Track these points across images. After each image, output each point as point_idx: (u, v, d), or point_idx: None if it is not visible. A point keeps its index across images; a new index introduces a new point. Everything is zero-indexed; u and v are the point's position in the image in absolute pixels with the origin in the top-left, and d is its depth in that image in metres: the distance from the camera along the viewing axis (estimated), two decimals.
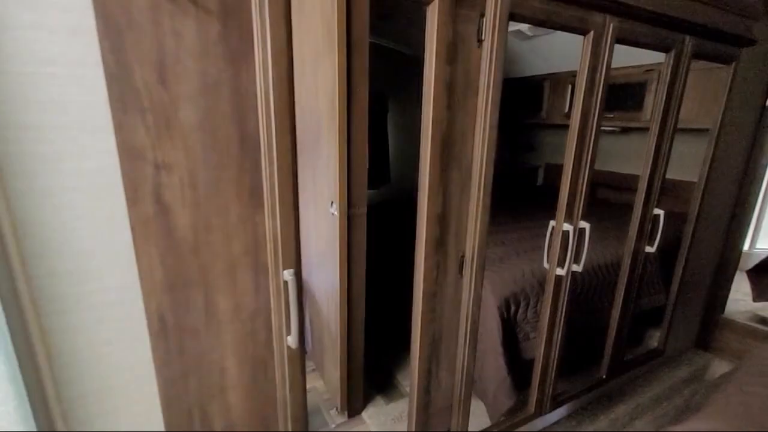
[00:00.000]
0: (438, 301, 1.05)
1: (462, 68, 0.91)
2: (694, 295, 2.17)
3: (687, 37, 1.36)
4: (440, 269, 1.03)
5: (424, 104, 0.88)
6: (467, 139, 0.97)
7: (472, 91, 0.94)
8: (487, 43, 0.91)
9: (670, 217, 1.92)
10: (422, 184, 0.93)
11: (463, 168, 0.98)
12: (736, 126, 1.91)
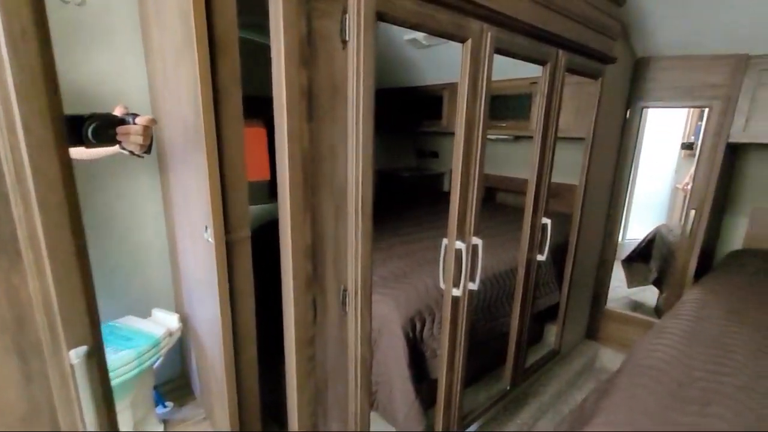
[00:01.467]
0: (319, 346, 0.89)
1: (325, 72, 0.76)
2: (583, 291, 2.34)
3: (560, 51, 1.41)
4: (318, 308, 0.87)
5: (276, 115, 0.71)
6: (338, 154, 0.82)
7: (340, 100, 0.80)
8: (352, 44, 0.78)
9: (557, 217, 2.02)
10: (283, 212, 0.76)
11: (335, 189, 0.84)
12: (606, 135, 2.09)
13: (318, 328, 0.88)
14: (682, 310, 1.60)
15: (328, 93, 0.78)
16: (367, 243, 0.90)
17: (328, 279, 0.88)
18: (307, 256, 0.81)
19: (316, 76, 0.75)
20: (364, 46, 0.78)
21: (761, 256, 2.21)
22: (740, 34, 1.80)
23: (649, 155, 2.84)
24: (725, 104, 1.95)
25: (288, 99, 0.70)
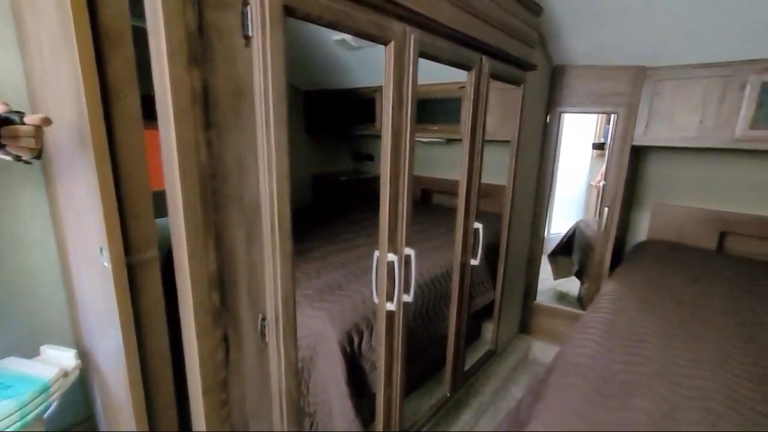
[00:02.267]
0: (235, 387, 0.78)
1: (225, 73, 0.66)
2: (515, 288, 2.43)
3: (483, 57, 1.42)
4: (231, 344, 0.75)
5: (161, 124, 0.59)
6: (248, 167, 0.72)
7: (246, 105, 0.70)
8: (257, 41, 0.68)
9: (488, 217, 2.07)
10: (177, 238, 0.64)
11: (245, 207, 0.73)
12: (529, 138, 2.19)
13: (232, 367, 0.76)
14: (601, 303, 1.70)
15: (231, 97, 0.67)
16: (287, 264, 0.81)
17: (242, 309, 0.76)
18: (212, 285, 0.69)
19: (213, 77, 0.64)
20: (272, 43, 0.69)
21: (662, 246, 2.47)
22: (637, 49, 1.98)
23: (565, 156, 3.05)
24: (629, 111, 2.14)
25: (175, 104, 0.58)
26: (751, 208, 2.31)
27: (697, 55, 1.92)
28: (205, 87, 0.63)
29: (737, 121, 1.88)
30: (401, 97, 1.03)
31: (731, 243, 2.43)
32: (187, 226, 0.63)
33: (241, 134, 0.70)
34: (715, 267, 2.13)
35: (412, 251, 1.16)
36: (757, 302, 1.71)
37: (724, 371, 1.21)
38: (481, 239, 1.62)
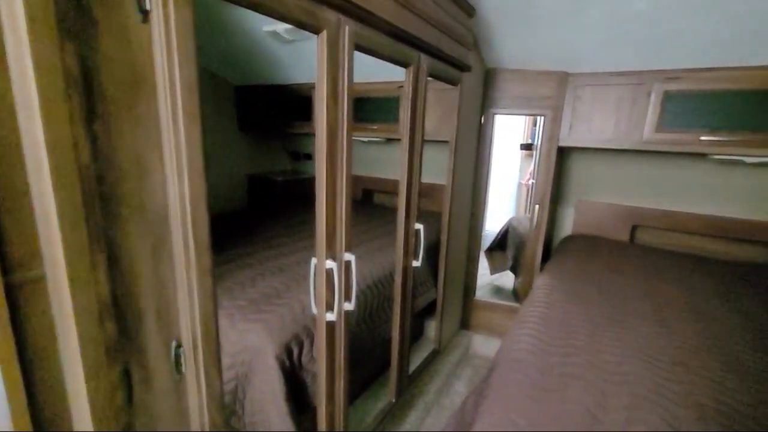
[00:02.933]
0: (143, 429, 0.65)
1: (115, 53, 0.53)
2: (455, 285, 2.47)
3: (422, 55, 1.40)
4: (135, 380, 0.63)
5: (20, 111, 0.46)
6: (150, 168, 0.60)
7: (146, 94, 0.58)
8: (157, 17, 0.57)
9: (428, 216, 2.08)
10: (51, 259, 0.51)
11: (149, 216, 0.61)
12: (466, 138, 2.23)
13: (138, 409, 0.63)
14: (535, 296, 1.78)
15: (124, 84, 0.55)
16: (205, 280, 0.70)
17: (148, 337, 0.64)
18: (105, 313, 0.56)
19: (98, 57, 0.52)
20: (177, 21, 0.58)
21: (585, 240, 2.67)
22: (561, 56, 2.10)
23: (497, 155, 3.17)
24: (555, 113, 2.27)
25: (42, 89, 0.45)
26: (657, 203, 2.57)
27: (611, 64, 2.08)
28: (87, 69, 0.50)
29: (645, 124, 2.07)
30: (336, 93, 0.96)
31: (641, 234, 2.70)
32: (66, 244, 0.50)
33: (139, 129, 0.58)
34: (629, 257, 2.34)
35: (352, 257, 1.09)
36: (666, 287, 1.89)
37: (644, 354, 1.31)
38: (423, 240, 1.60)
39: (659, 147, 2.07)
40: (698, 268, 2.21)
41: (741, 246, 2.42)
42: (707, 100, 1.92)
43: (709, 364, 1.26)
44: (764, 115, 1.82)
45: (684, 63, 1.91)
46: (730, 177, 2.30)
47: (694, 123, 1.96)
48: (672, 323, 1.54)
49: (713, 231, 2.44)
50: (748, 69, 1.82)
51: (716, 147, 1.93)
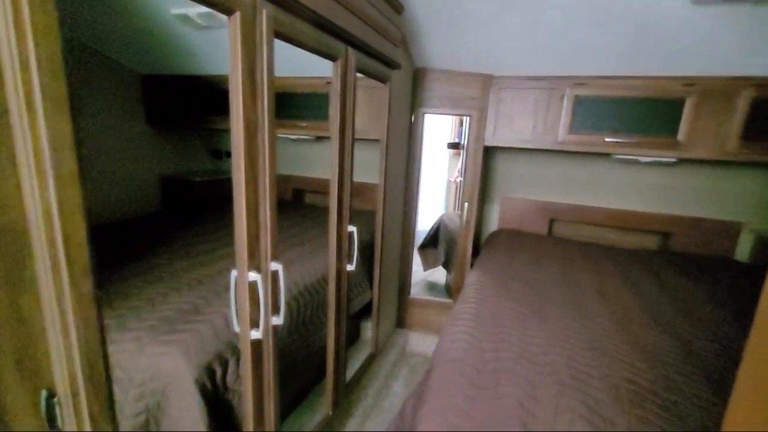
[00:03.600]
0: None
1: None
2: (390, 285, 2.46)
3: (349, 49, 1.33)
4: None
5: None
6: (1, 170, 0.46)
7: None
8: None
9: (361, 215, 2.03)
10: None
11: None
12: (397, 137, 2.22)
13: None
14: (467, 293, 1.82)
15: None
16: (87, 310, 0.56)
17: (5, 389, 0.49)
18: None
19: None
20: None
21: (510, 235, 2.82)
22: (485, 58, 2.18)
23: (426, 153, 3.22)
24: (480, 114, 2.35)
25: None
26: (570, 199, 2.81)
27: (530, 69, 2.21)
28: None
29: (559, 126, 2.24)
30: (255, 86, 0.86)
31: (557, 228, 2.93)
32: None
33: None
34: (547, 249, 2.52)
35: (279, 266, 1.00)
36: (579, 276, 2.06)
37: (566, 342, 1.39)
38: (357, 243, 1.55)
39: (572, 147, 2.24)
40: (604, 255, 2.45)
41: (637, 235, 2.74)
42: (610, 105, 2.12)
43: (620, 346, 1.39)
44: (654, 120, 2.06)
45: (590, 70, 2.09)
46: (628, 174, 2.59)
47: (601, 126, 2.15)
48: (587, 309, 1.68)
49: (615, 222, 2.73)
50: (642, 78, 2.04)
51: (618, 148, 2.15)
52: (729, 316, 1.67)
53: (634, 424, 1.01)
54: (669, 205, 2.58)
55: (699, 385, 1.17)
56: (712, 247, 2.54)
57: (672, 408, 1.07)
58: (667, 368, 1.25)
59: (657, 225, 2.64)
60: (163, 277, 1.71)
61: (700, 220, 2.54)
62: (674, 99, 2.01)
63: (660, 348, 1.38)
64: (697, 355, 1.34)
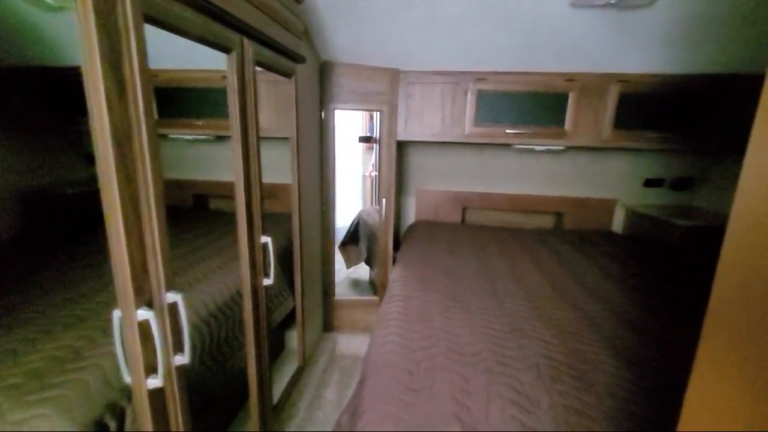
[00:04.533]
0: None
1: None
2: (313, 289, 2.35)
3: (245, 39, 1.19)
4: None
5: None
6: None
7: None
8: None
9: (275, 219, 1.88)
10: None
11: None
12: (308, 134, 2.10)
13: None
14: (393, 291, 1.80)
15: None
16: None
17: None
18: None
19: None
20: None
21: (427, 226, 2.90)
22: (392, 53, 2.17)
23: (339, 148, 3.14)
24: (390, 109, 2.35)
25: None
26: (479, 187, 2.99)
27: (433, 64, 2.26)
28: None
29: (465, 119, 2.34)
30: (122, 80, 0.69)
31: (469, 215, 3.10)
32: None
33: None
34: (462, 236, 2.64)
35: (178, 296, 0.84)
36: (492, 260, 2.19)
37: (488, 329, 1.45)
38: (272, 254, 1.41)
39: (477, 139, 2.36)
40: (512, 238, 2.65)
41: (536, 216, 3.02)
42: (508, 99, 2.27)
43: (535, 324, 1.49)
44: (545, 112, 2.26)
45: (489, 66, 2.21)
46: (526, 162, 2.83)
47: (501, 118, 2.30)
48: (503, 293, 1.78)
49: (518, 206, 2.98)
50: (532, 74, 2.22)
51: (517, 138, 2.31)
52: (617, 285, 1.92)
53: (556, 399, 1.08)
54: (560, 188, 2.89)
55: (603, 353, 1.30)
56: (595, 222, 2.91)
57: (584, 377, 1.17)
58: (576, 340, 1.38)
59: (552, 206, 2.95)
60: (28, 318, 1.39)
61: (585, 199, 2.89)
62: (559, 93, 2.23)
63: (568, 322, 1.51)
64: (598, 325, 1.50)
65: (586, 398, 1.09)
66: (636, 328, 1.49)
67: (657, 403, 1.07)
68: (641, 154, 2.68)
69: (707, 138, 2.17)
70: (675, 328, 1.49)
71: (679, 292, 1.84)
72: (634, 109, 2.18)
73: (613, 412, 1.04)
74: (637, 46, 1.90)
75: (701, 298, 1.46)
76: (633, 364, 1.24)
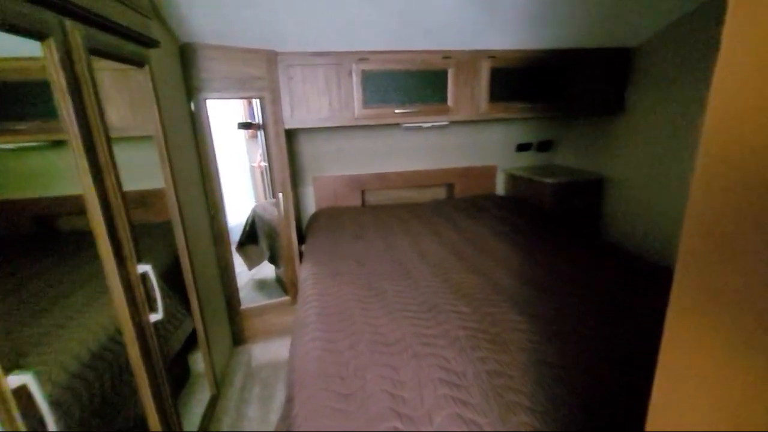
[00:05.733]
0: None
1: None
2: (214, 303, 2.10)
3: (68, 21, 0.91)
4: None
5: None
6: None
7: None
8: None
9: (151, 229, 1.61)
10: None
11: None
12: (178, 130, 1.80)
13: None
14: (306, 291, 1.71)
15: None
16: None
17: None
18: None
19: None
20: None
21: (328, 214, 2.82)
22: (265, 32, 1.96)
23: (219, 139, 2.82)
24: (273, 95, 2.15)
25: None
26: (374, 168, 2.99)
27: (312, 44, 2.12)
28: None
29: (354, 102, 2.28)
30: None
31: (368, 197, 3.10)
32: None
33: None
34: (365, 220, 2.64)
35: (27, 375, 0.63)
36: (397, 239, 2.23)
37: (407, 312, 1.47)
38: (155, 283, 1.19)
39: (368, 121, 2.33)
40: (410, 214, 2.74)
41: (430, 190, 3.18)
42: (393, 79, 2.28)
43: (448, 297, 1.56)
44: (429, 90, 2.33)
45: (370, 45, 2.17)
46: (415, 139, 2.91)
47: (389, 99, 2.30)
48: (414, 273, 1.82)
49: (412, 182, 3.08)
50: (412, 53, 2.25)
51: (406, 117, 2.35)
52: (508, 244, 2.13)
53: (479, 366, 1.15)
54: (448, 160, 3.07)
55: (510, 312, 1.43)
56: (482, 188, 3.19)
57: (498, 339, 1.27)
58: (486, 305, 1.49)
59: (442, 178, 3.12)
60: None
61: (470, 168, 3.13)
62: (438, 70, 2.31)
63: (475, 288, 1.62)
64: (500, 285, 1.64)
65: (503, 358, 1.19)
66: (529, 282, 1.67)
67: (558, 349, 1.22)
68: (513, 122, 2.99)
69: (561, 105, 2.51)
70: (560, 277, 1.72)
71: (555, 241, 2.13)
72: (504, 83, 2.38)
73: (527, 365, 1.15)
74: (503, 24, 2.06)
75: (574, 246, 1.69)
76: (534, 317, 1.39)
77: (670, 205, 2.29)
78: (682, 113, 2.18)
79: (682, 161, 2.21)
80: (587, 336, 1.27)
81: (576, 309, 1.44)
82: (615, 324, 1.34)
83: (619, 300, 1.49)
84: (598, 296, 1.52)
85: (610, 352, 1.19)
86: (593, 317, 1.38)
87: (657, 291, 1.52)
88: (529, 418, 0.97)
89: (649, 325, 1.31)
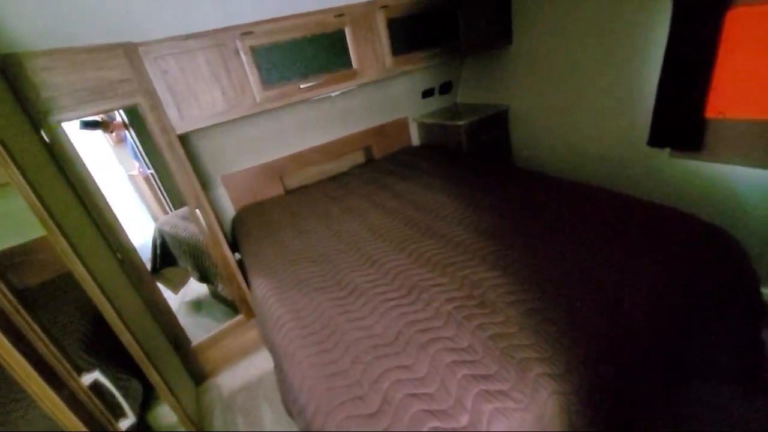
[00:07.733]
0: None
1: None
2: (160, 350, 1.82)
3: None
4: None
5: None
6: None
7: None
8: None
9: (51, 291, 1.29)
10: None
11: None
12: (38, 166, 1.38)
13: None
14: (274, 313, 1.56)
15: None
16: None
17: None
18: None
19: None
20: None
21: (251, 213, 2.55)
22: (113, 21, 1.53)
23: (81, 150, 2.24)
24: (150, 99, 1.75)
25: None
26: (287, 150, 2.75)
27: (181, 26, 1.74)
28: None
29: (251, 86, 1.98)
30: None
31: (288, 182, 2.88)
32: None
33: None
34: (297, 210, 2.46)
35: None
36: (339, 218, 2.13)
37: (390, 302, 1.42)
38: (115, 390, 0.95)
39: (273, 104, 2.07)
40: (341, 189, 2.63)
41: (349, 157, 3.06)
42: (288, 51, 2.01)
43: (420, 272, 1.54)
44: (330, 56, 2.12)
45: (251, 16, 1.86)
46: (324, 109, 2.71)
47: (290, 75, 2.05)
48: (373, 254, 1.76)
49: (331, 154, 2.93)
50: (300, 16, 1.99)
51: (313, 91, 2.14)
52: (446, 197, 2.16)
53: (480, 335, 1.18)
54: (360, 123, 2.95)
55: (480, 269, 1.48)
56: (398, 143, 3.16)
57: (485, 301, 1.32)
58: (457, 269, 1.51)
59: (359, 143, 3.02)
60: None
61: (383, 125, 3.06)
62: (335, 32, 2.10)
63: (440, 254, 1.64)
64: (460, 243, 1.68)
65: (498, 319, 1.25)
66: (481, 231, 1.74)
67: (536, 293, 1.32)
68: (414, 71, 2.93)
69: (457, 45, 2.51)
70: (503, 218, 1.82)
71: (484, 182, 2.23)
72: (403, 34, 2.28)
73: (519, 318, 1.23)
74: None
75: (502, 182, 1.79)
76: (503, 269, 1.47)
77: (570, 126, 2.54)
78: (565, 34, 2.34)
79: (567, 83, 2.43)
80: (556, 269, 1.39)
81: (531, 245, 1.55)
82: (565, 245, 1.49)
83: (562, 224, 1.65)
84: (546, 227, 1.66)
85: (581, 275, 1.32)
86: (548, 248, 1.51)
87: (590, 204, 1.71)
88: (543, 367, 1.06)
89: (598, 237, 1.47)
